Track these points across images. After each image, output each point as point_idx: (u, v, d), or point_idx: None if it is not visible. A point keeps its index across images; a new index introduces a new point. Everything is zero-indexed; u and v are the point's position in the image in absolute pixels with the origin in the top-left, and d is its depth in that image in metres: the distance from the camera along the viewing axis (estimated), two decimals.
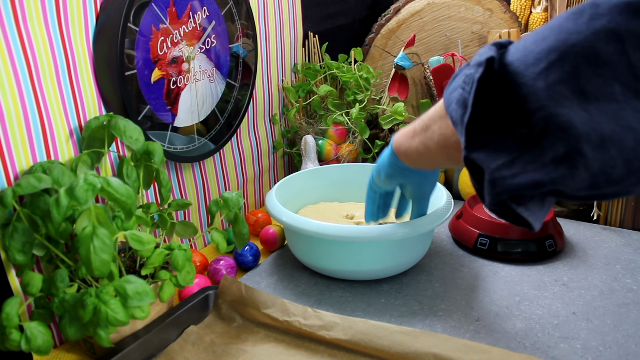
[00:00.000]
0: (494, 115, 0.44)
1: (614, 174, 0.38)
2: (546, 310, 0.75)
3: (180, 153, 0.91)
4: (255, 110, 1.11)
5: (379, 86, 1.28)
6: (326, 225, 0.78)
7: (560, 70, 0.38)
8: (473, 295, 0.80)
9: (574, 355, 0.66)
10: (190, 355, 0.68)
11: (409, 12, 1.27)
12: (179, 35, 0.86)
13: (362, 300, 0.80)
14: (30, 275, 0.62)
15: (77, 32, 0.73)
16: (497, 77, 0.43)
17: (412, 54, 1.19)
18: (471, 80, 0.44)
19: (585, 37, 0.37)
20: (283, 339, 0.71)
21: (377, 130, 1.23)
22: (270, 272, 0.89)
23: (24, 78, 0.66)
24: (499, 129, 0.43)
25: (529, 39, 0.42)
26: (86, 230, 0.57)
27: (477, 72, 0.43)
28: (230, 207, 0.77)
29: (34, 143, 0.68)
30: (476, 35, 1.28)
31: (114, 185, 0.58)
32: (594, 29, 0.37)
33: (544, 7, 1.31)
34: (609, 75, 0.36)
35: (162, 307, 0.73)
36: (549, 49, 0.39)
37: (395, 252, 0.81)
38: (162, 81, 0.85)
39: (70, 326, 0.62)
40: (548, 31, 0.40)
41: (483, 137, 0.45)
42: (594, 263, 0.87)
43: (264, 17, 1.08)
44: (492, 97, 0.43)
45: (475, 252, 0.91)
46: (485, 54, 0.44)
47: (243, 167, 1.10)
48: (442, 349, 0.63)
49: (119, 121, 0.71)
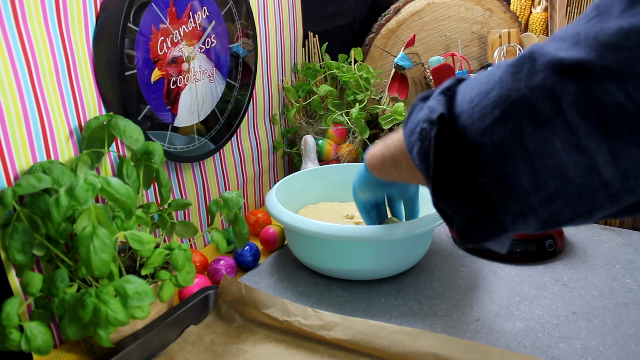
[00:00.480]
0: (454, 164, 0.46)
1: (562, 218, 0.41)
2: (546, 310, 0.75)
3: (180, 153, 0.91)
4: (255, 110, 1.11)
5: (379, 86, 1.28)
6: (326, 225, 0.78)
7: (503, 128, 0.40)
8: (473, 295, 0.80)
9: (574, 355, 0.66)
10: (190, 355, 0.68)
11: (409, 12, 1.27)
12: (179, 35, 0.86)
13: (362, 300, 0.80)
14: (30, 275, 0.62)
15: (77, 32, 0.73)
16: (449, 131, 0.45)
17: (412, 54, 1.19)
18: (428, 137, 0.47)
19: (524, 95, 0.39)
20: (283, 339, 0.71)
21: (377, 130, 1.23)
22: (270, 272, 0.89)
23: (24, 78, 0.66)
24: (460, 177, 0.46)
25: (474, 89, 0.44)
26: (86, 230, 0.57)
27: (432, 131, 0.46)
28: (230, 207, 0.77)
29: (34, 143, 0.68)
30: (476, 35, 1.28)
31: (114, 185, 0.58)
32: (532, 87, 0.39)
33: (544, 7, 1.31)
34: (549, 132, 0.38)
35: (162, 307, 0.73)
36: (493, 104, 0.41)
37: (395, 252, 0.81)
38: (162, 81, 0.85)
39: (70, 326, 0.62)
40: (491, 84, 0.42)
41: (448, 184, 0.47)
42: (594, 263, 0.87)
43: (264, 17, 1.08)
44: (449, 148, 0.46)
45: (475, 252, 0.91)
46: (436, 111, 0.46)
47: (243, 167, 1.10)
48: (442, 349, 0.63)
49: (119, 121, 0.71)
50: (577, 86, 0.37)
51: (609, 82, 0.36)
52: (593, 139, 0.37)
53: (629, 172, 0.37)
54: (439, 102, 0.46)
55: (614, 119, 0.36)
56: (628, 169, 0.36)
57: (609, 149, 0.36)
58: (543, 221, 0.41)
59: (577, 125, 0.37)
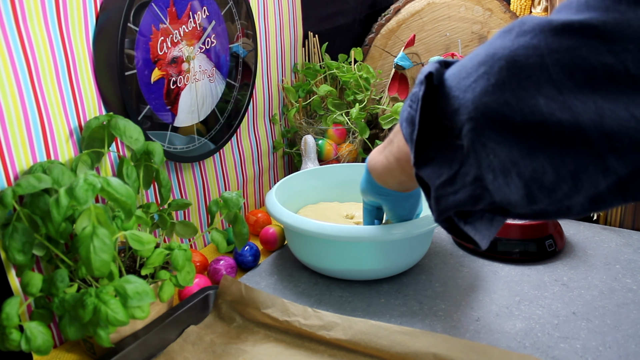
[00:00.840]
0: (437, 130, 0.46)
1: (545, 180, 0.39)
2: (546, 310, 0.75)
3: (180, 153, 0.91)
4: (255, 110, 1.11)
5: (379, 86, 1.28)
6: (326, 225, 0.78)
7: (486, 83, 0.40)
8: (473, 295, 0.80)
9: (574, 355, 0.66)
10: (190, 355, 0.68)
11: (409, 12, 1.27)
12: (179, 35, 0.86)
13: (362, 300, 0.80)
14: (30, 275, 0.62)
15: (77, 32, 0.73)
16: (436, 92, 0.45)
17: (412, 54, 1.19)
18: (416, 98, 0.47)
19: (509, 52, 0.39)
20: (283, 339, 0.71)
21: (377, 130, 1.23)
22: (270, 272, 0.89)
23: (24, 78, 0.66)
24: (441, 141, 0.46)
25: (466, 57, 0.45)
26: (86, 230, 0.57)
27: (420, 90, 0.46)
28: (230, 207, 0.77)
29: (34, 143, 0.68)
30: (476, 35, 1.28)
31: (114, 185, 0.58)
32: (518, 45, 0.39)
33: (544, 7, 1.31)
34: (531, 87, 0.38)
35: (162, 307, 0.73)
36: (478, 63, 0.42)
37: (395, 252, 0.81)
38: (162, 81, 0.85)
39: (70, 326, 0.62)
40: (481, 49, 0.43)
41: (430, 151, 0.47)
42: (594, 263, 0.87)
43: (264, 17, 1.08)
44: (435, 112, 0.46)
45: (475, 252, 0.91)
46: (425, 71, 0.46)
47: (243, 167, 1.10)
48: (442, 349, 0.63)
49: (119, 121, 0.71)
50: (563, 44, 0.37)
51: (596, 42, 0.36)
52: (578, 98, 0.37)
53: (615, 132, 0.36)
54: (430, 66, 0.47)
55: (601, 79, 0.36)
56: (615, 129, 0.36)
57: (595, 108, 0.36)
58: (525, 182, 0.40)
59: (561, 83, 0.37)
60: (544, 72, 0.37)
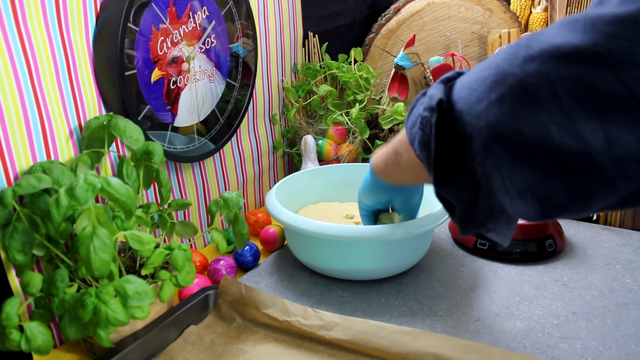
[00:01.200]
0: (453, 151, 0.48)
1: (558, 199, 0.41)
2: (546, 310, 0.75)
3: (180, 153, 0.91)
4: (255, 110, 1.11)
5: (379, 86, 1.28)
6: (326, 225, 0.78)
7: (499, 111, 0.41)
8: (473, 295, 0.80)
9: (574, 355, 0.66)
10: (190, 355, 0.68)
11: (409, 12, 1.27)
12: (179, 35, 0.86)
13: (362, 300, 0.80)
14: (30, 275, 0.62)
15: (77, 32, 0.73)
16: (447, 117, 0.46)
17: (412, 54, 1.19)
18: (429, 124, 0.48)
19: (520, 80, 0.40)
20: (283, 339, 0.71)
21: (377, 130, 1.23)
22: (270, 272, 0.89)
23: (24, 78, 0.66)
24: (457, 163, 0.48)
25: (472, 76, 0.45)
26: (86, 230, 0.57)
27: (432, 117, 0.47)
28: (230, 207, 0.77)
29: (34, 143, 0.68)
30: (476, 35, 1.28)
31: (114, 185, 0.58)
32: (527, 72, 0.39)
33: (544, 7, 1.31)
34: (544, 116, 0.39)
35: (162, 307, 0.73)
36: (489, 89, 0.42)
37: (395, 252, 0.81)
38: (162, 81, 0.85)
39: (70, 326, 0.62)
40: (488, 71, 0.43)
41: (448, 171, 0.49)
42: (594, 263, 0.87)
43: (264, 17, 1.08)
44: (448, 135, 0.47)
45: (475, 252, 0.91)
46: (435, 97, 0.47)
47: (243, 167, 1.10)
48: (442, 349, 0.63)
49: (119, 121, 0.71)
50: (572, 72, 0.37)
51: (604, 69, 0.36)
52: (588, 125, 0.37)
53: (623, 158, 0.37)
54: (437, 90, 0.48)
55: (609, 105, 0.36)
56: (623, 155, 0.37)
57: (605, 135, 0.37)
58: (540, 201, 0.41)
59: (572, 111, 0.37)
60: (555, 101, 0.38)
